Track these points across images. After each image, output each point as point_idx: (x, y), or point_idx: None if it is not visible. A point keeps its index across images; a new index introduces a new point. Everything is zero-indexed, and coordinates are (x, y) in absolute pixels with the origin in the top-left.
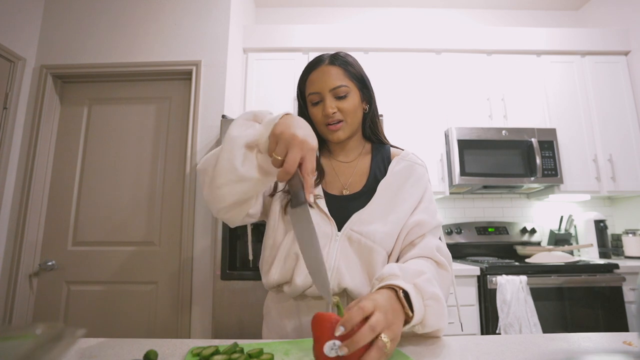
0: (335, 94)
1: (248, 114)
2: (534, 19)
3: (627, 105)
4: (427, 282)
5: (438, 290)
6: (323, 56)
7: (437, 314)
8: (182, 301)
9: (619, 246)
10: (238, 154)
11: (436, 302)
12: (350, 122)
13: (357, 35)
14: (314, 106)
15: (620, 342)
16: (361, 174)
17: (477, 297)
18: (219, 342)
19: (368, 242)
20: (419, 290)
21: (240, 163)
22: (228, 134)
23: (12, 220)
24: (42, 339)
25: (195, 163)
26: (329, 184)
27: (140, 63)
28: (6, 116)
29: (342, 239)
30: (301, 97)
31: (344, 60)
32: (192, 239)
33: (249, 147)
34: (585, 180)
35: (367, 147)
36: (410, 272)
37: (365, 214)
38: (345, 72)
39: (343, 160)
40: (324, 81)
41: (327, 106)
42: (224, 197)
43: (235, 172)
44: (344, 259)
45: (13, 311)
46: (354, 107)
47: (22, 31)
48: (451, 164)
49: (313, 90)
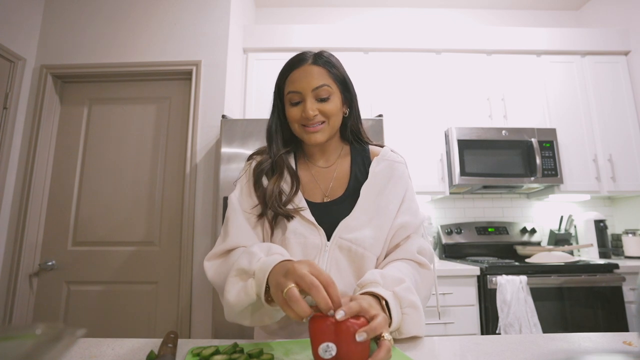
0: (317, 95)
1: (233, 271)
2: (534, 19)
3: (627, 105)
4: (406, 290)
5: (416, 299)
6: (306, 54)
7: (414, 322)
8: (182, 301)
9: (619, 246)
10: (243, 315)
11: (414, 310)
12: (332, 125)
13: (357, 35)
14: (292, 106)
15: (620, 342)
16: (341, 178)
17: (477, 297)
18: (219, 342)
19: (359, 249)
20: (398, 299)
21: (248, 321)
22: (226, 300)
23: (12, 220)
24: (42, 339)
25: (195, 163)
26: (310, 192)
27: (140, 63)
28: (6, 116)
29: (333, 248)
30: (278, 93)
31: (328, 60)
32: (192, 239)
33: (253, 307)
34: (585, 180)
35: (346, 149)
36: (390, 280)
37: (351, 220)
38: (329, 73)
39: (322, 166)
40: (306, 81)
41: (307, 108)
42: None
43: (245, 322)
44: (336, 267)
45: (13, 311)
46: (336, 109)
47: (22, 31)
48: (451, 164)
49: (293, 89)
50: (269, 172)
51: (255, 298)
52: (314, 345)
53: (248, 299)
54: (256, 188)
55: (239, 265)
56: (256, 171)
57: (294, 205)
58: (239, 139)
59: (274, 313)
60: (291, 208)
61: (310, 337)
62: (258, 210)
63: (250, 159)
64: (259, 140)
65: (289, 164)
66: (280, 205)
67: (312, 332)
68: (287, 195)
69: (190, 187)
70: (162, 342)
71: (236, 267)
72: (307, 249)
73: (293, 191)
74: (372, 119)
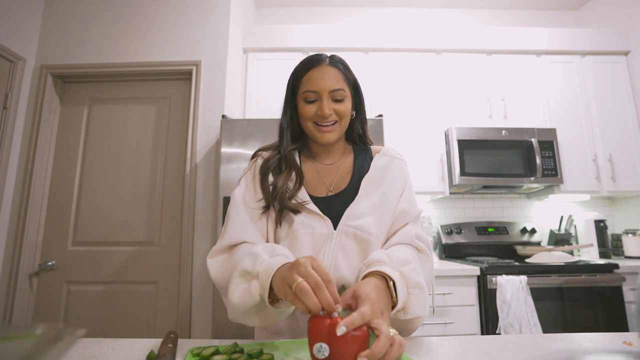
0: (334, 97)
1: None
2: (534, 19)
3: (627, 105)
4: (412, 271)
5: (422, 280)
6: (322, 55)
7: (419, 302)
8: (182, 301)
9: (619, 246)
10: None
11: (419, 291)
12: (343, 125)
13: (357, 35)
14: (307, 104)
15: (620, 342)
16: (345, 173)
17: (477, 297)
18: (219, 342)
19: (364, 235)
20: (405, 278)
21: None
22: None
23: (12, 220)
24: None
25: (195, 163)
26: (315, 188)
27: (140, 63)
28: (6, 116)
29: (339, 235)
30: (292, 91)
31: (343, 64)
32: (192, 239)
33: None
34: (585, 180)
35: (349, 148)
36: (397, 260)
37: (354, 208)
38: (344, 77)
39: (327, 163)
40: (324, 81)
41: (324, 107)
42: None
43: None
44: (342, 252)
45: (13, 311)
46: (348, 111)
47: (22, 31)
48: (451, 164)
49: (311, 88)
50: (276, 168)
51: (259, 299)
52: (309, 345)
53: (252, 300)
54: (262, 183)
55: (242, 267)
56: (263, 167)
57: (298, 200)
58: (239, 139)
59: (277, 314)
60: (295, 202)
61: (307, 336)
62: (262, 204)
63: (256, 155)
64: (259, 140)
65: (295, 161)
66: (287, 200)
67: (309, 332)
68: (290, 191)
69: (190, 187)
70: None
71: (240, 268)
72: (315, 239)
73: (296, 187)
74: (372, 119)
